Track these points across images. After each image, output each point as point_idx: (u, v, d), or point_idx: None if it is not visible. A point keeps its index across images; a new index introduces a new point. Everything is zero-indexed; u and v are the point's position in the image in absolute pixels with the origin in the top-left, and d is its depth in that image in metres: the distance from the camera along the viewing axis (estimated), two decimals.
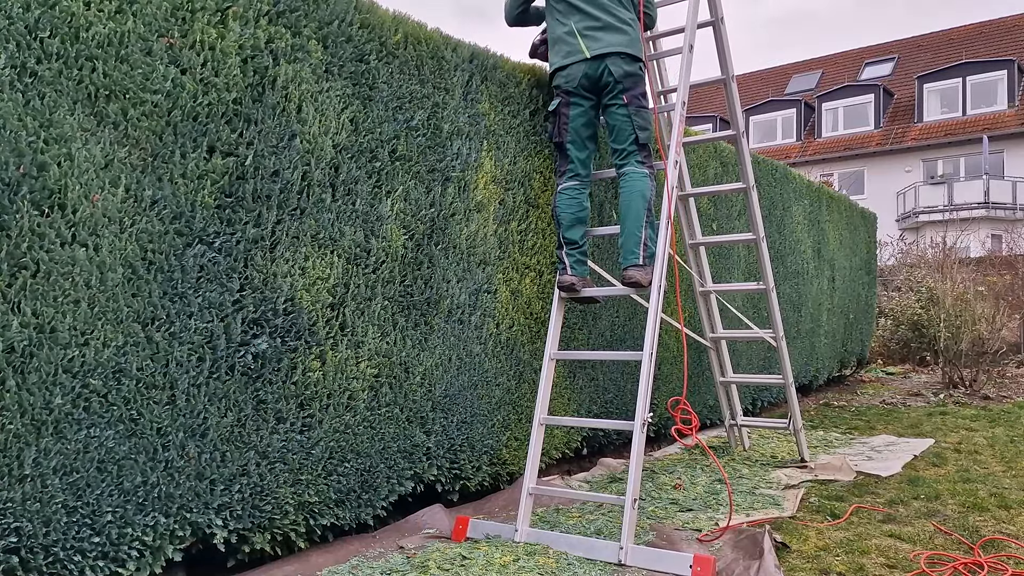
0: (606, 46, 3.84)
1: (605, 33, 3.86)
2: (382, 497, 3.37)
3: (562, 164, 3.98)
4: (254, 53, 2.86)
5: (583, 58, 3.84)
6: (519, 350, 4.08)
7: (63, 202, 2.33)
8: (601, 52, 3.82)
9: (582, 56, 3.84)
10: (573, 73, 3.87)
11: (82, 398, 2.38)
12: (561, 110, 3.92)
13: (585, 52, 3.83)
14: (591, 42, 3.86)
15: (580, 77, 3.86)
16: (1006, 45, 27.46)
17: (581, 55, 3.84)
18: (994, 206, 24.69)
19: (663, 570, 3.01)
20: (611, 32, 3.87)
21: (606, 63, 3.82)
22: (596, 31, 3.87)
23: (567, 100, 3.90)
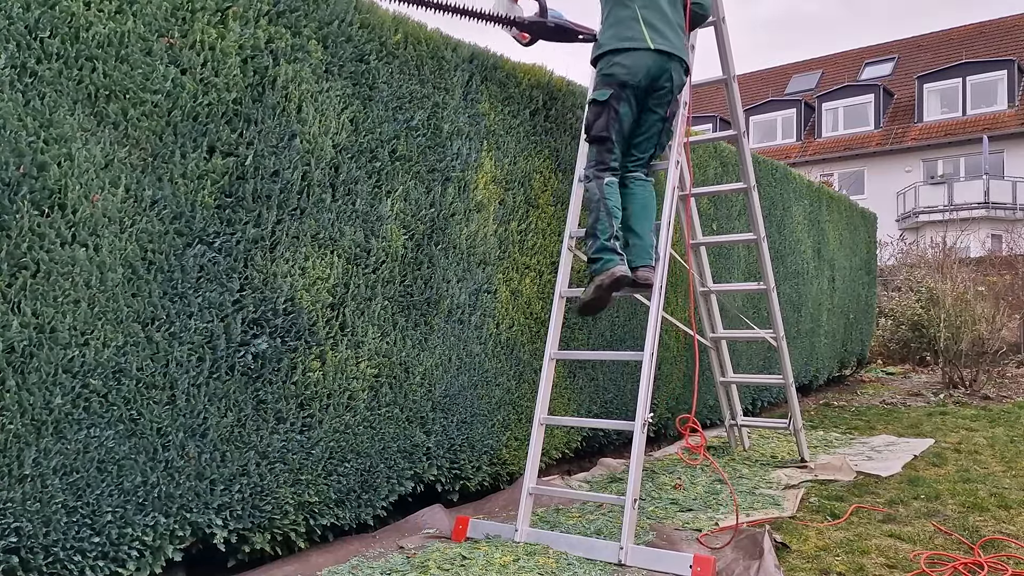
0: (671, 46, 3.63)
1: (669, 30, 3.66)
2: (382, 497, 3.37)
3: (602, 156, 3.71)
4: (254, 53, 2.86)
5: (647, 47, 3.58)
6: (519, 350, 4.08)
7: (63, 202, 2.33)
8: (666, 50, 3.61)
9: (646, 46, 3.57)
10: (637, 65, 3.59)
11: (82, 398, 2.38)
12: (612, 103, 3.62)
13: (649, 43, 3.57)
14: (655, 34, 3.60)
15: (643, 72, 3.59)
16: (1006, 45, 27.45)
17: (644, 44, 3.57)
18: (994, 206, 24.69)
19: (663, 570, 3.01)
20: (674, 32, 3.69)
21: (670, 65, 3.62)
22: (661, 25, 3.64)
23: (620, 94, 3.61)
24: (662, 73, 3.61)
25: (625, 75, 3.58)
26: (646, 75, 3.59)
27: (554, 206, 4.30)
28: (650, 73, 3.59)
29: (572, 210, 3.95)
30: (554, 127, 4.32)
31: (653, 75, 3.60)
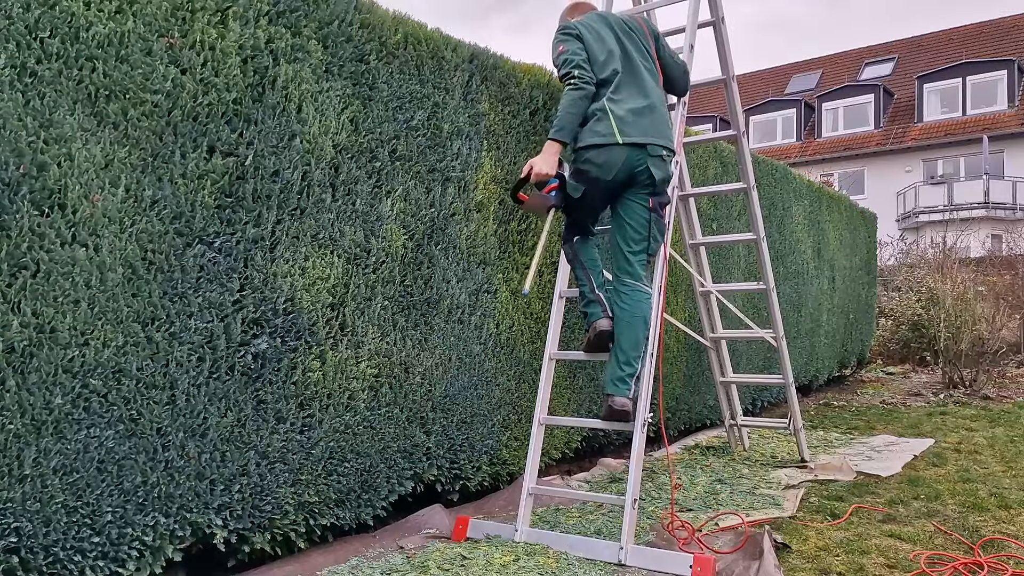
0: (646, 134, 3.37)
1: (646, 116, 3.40)
2: (382, 497, 3.37)
3: (573, 231, 3.66)
4: (254, 53, 2.86)
5: (616, 142, 3.33)
6: (519, 350, 4.08)
7: (63, 202, 2.33)
8: (640, 142, 3.35)
9: (614, 140, 3.33)
10: (609, 161, 3.35)
11: (82, 398, 2.38)
12: (586, 200, 3.48)
13: (618, 137, 3.32)
14: (626, 126, 3.35)
15: (616, 168, 3.35)
16: (1006, 45, 27.45)
17: (613, 139, 3.33)
18: (994, 206, 24.69)
19: (663, 570, 3.01)
20: (653, 115, 3.43)
21: (646, 161, 3.36)
22: (634, 113, 3.39)
23: (593, 192, 3.43)
24: (638, 166, 3.36)
25: (597, 172, 3.36)
26: (620, 170, 3.35)
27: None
28: (625, 168, 3.35)
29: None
30: None
31: (629, 170, 3.36)
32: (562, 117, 3.36)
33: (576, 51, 3.42)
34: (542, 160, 3.38)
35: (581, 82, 3.36)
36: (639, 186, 3.39)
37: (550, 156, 3.38)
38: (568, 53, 3.42)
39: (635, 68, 3.47)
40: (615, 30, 3.56)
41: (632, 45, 3.54)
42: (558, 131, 3.36)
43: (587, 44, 3.46)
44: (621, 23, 3.61)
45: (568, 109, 3.34)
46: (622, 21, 3.63)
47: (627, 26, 3.61)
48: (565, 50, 3.44)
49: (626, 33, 3.57)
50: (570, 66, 3.38)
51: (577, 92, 3.34)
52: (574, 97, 3.34)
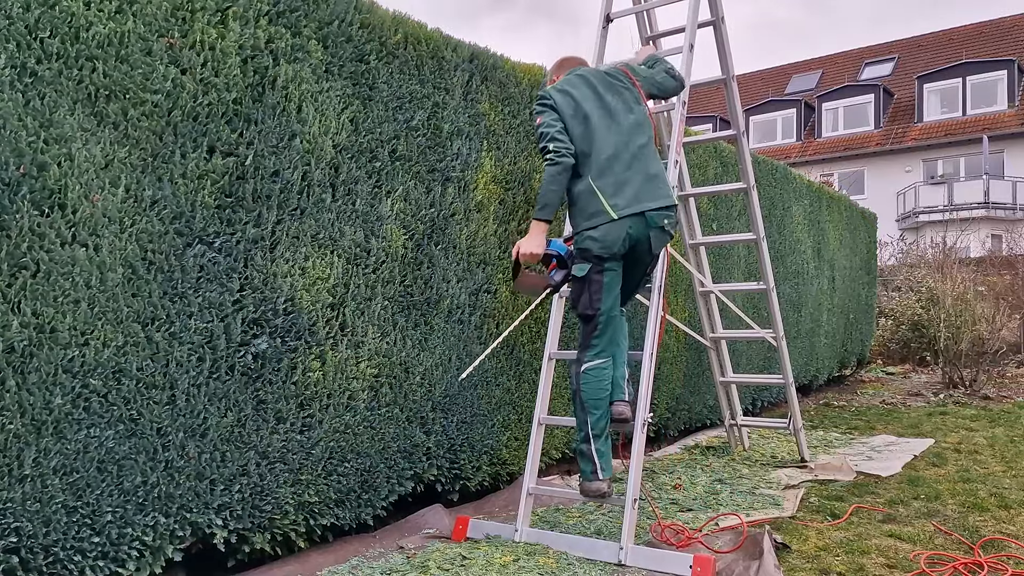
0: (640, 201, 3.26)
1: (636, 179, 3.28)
2: (382, 497, 3.37)
3: (588, 338, 3.37)
4: (254, 53, 2.86)
5: (612, 219, 3.23)
6: (519, 350, 4.08)
7: (63, 202, 2.33)
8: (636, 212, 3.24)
9: (609, 218, 3.23)
10: (609, 236, 3.23)
11: (82, 398, 2.38)
12: (592, 277, 3.29)
13: (612, 214, 3.22)
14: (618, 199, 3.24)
15: (619, 242, 3.24)
16: (1006, 45, 27.44)
17: (608, 216, 3.23)
18: (994, 206, 24.68)
19: (663, 570, 3.01)
20: (644, 176, 3.30)
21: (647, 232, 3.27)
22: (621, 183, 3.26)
23: (599, 267, 3.27)
24: (641, 238, 3.27)
25: (600, 249, 3.24)
26: (623, 243, 3.25)
27: None
28: (628, 241, 3.25)
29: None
30: None
31: (632, 242, 3.27)
32: (544, 195, 3.26)
33: (551, 122, 3.29)
34: (528, 241, 3.30)
35: (557, 156, 3.23)
36: (640, 257, 3.34)
37: (537, 236, 3.29)
38: (544, 125, 3.31)
39: (620, 129, 3.32)
40: (596, 89, 3.40)
41: (616, 100, 3.39)
42: (541, 210, 3.26)
43: (562, 114, 3.31)
44: (603, 78, 3.46)
45: (549, 186, 3.24)
46: (604, 76, 3.48)
47: (610, 79, 3.46)
48: (541, 122, 3.33)
49: (609, 88, 3.42)
50: (545, 140, 3.27)
51: (555, 167, 3.23)
52: (552, 173, 3.23)
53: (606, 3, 4.29)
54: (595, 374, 3.31)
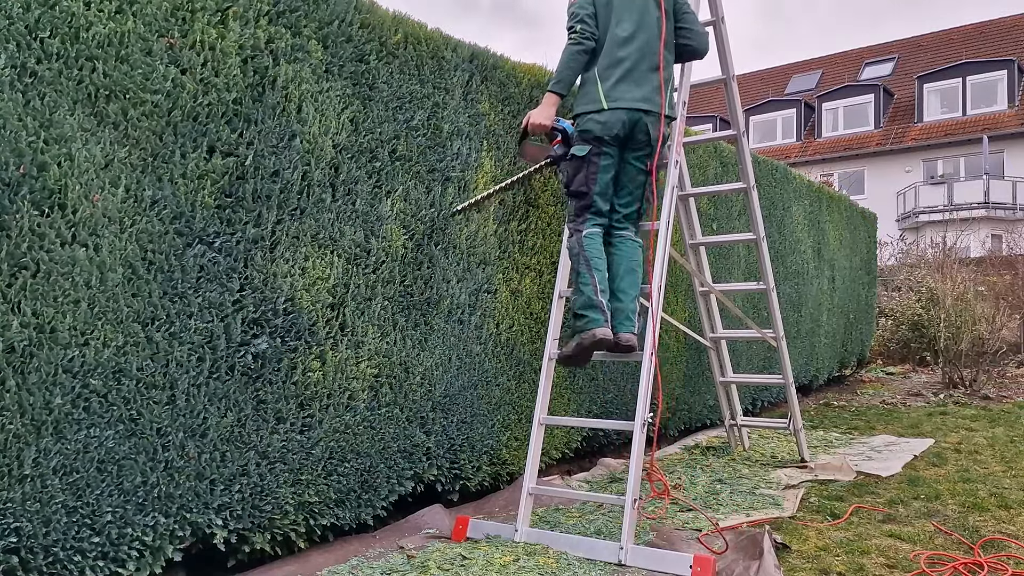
0: (637, 102, 3.52)
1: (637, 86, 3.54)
2: (382, 497, 3.37)
3: (580, 211, 3.60)
4: (254, 53, 2.86)
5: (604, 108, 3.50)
6: (519, 350, 4.08)
7: (63, 202, 2.33)
8: (631, 107, 3.51)
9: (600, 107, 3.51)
10: (611, 120, 3.51)
11: (82, 398, 2.38)
12: (591, 158, 3.54)
13: (603, 103, 3.50)
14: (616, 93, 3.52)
15: (619, 126, 3.51)
16: (1006, 45, 27.45)
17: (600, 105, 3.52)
18: (994, 206, 24.69)
19: (663, 570, 3.01)
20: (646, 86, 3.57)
21: (645, 120, 3.53)
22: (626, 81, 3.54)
23: (598, 149, 3.53)
24: (635, 125, 3.52)
25: (600, 130, 3.50)
26: (622, 128, 3.51)
27: (554, 206, 4.30)
28: (626, 126, 3.51)
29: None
30: None
31: (628, 127, 3.52)
32: (560, 70, 3.54)
33: (583, 5, 3.57)
34: (539, 111, 3.60)
35: (581, 37, 3.50)
36: (638, 146, 3.56)
37: (547, 107, 3.58)
38: (576, 6, 3.59)
39: (640, 28, 3.56)
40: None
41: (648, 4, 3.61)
42: (556, 83, 3.55)
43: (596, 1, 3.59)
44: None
45: (567, 63, 3.52)
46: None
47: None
48: (573, 2, 3.62)
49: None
50: (574, 19, 3.54)
51: (575, 47, 3.51)
52: (572, 52, 3.51)
53: None
54: (595, 240, 3.55)
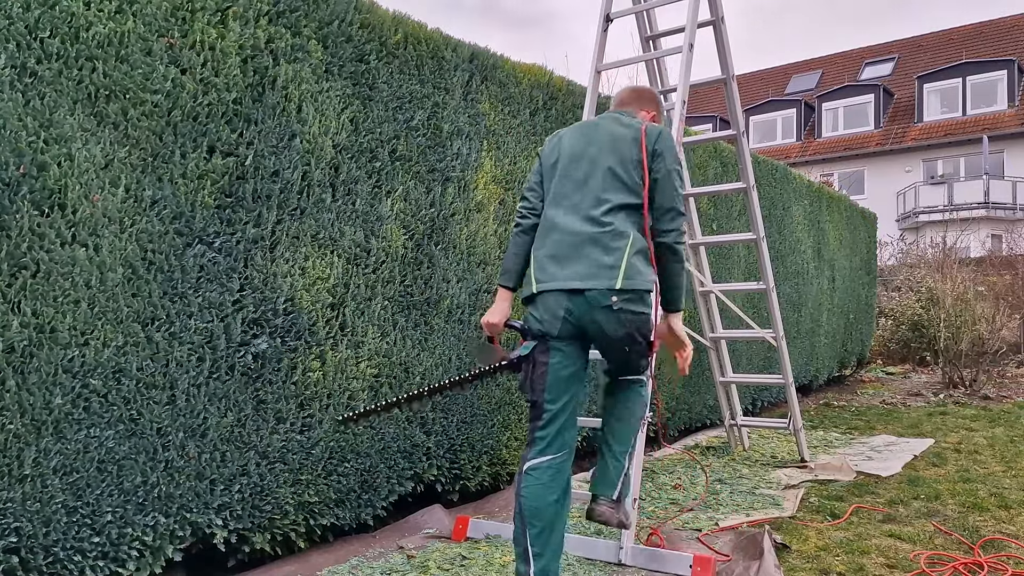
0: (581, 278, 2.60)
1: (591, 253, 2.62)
2: (382, 497, 3.37)
3: (532, 429, 2.70)
4: (254, 53, 2.86)
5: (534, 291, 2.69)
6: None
7: (63, 202, 2.33)
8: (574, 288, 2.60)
9: (531, 291, 2.70)
10: (548, 309, 2.64)
11: (82, 398, 2.38)
12: (535, 356, 2.67)
13: (533, 285, 2.68)
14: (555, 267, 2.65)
15: (559, 319, 2.62)
16: (1006, 45, 27.44)
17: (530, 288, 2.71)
18: (994, 206, 24.67)
19: (663, 570, 3.01)
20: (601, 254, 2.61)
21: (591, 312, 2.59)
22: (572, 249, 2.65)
23: (542, 347, 2.66)
24: (584, 319, 2.59)
25: (537, 326, 2.65)
26: (564, 323, 2.61)
27: None
28: (569, 320, 2.61)
29: None
30: (554, 127, 4.32)
31: (575, 322, 2.61)
32: (505, 258, 2.89)
33: (532, 173, 2.91)
34: (491, 310, 2.89)
35: (519, 216, 2.85)
36: (604, 344, 2.68)
37: (498, 303, 2.87)
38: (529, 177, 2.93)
39: (589, 184, 2.69)
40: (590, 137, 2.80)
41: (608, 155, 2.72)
42: (501, 275, 2.88)
43: (543, 163, 2.87)
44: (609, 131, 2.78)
45: (509, 248, 2.87)
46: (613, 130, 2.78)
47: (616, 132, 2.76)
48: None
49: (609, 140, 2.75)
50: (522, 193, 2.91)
51: (514, 228, 2.87)
52: (512, 234, 2.87)
53: (606, 3, 4.29)
54: (537, 476, 2.61)
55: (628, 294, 2.57)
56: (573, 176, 2.76)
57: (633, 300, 2.59)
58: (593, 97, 4.18)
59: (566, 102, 4.41)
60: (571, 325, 2.62)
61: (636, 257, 2.62)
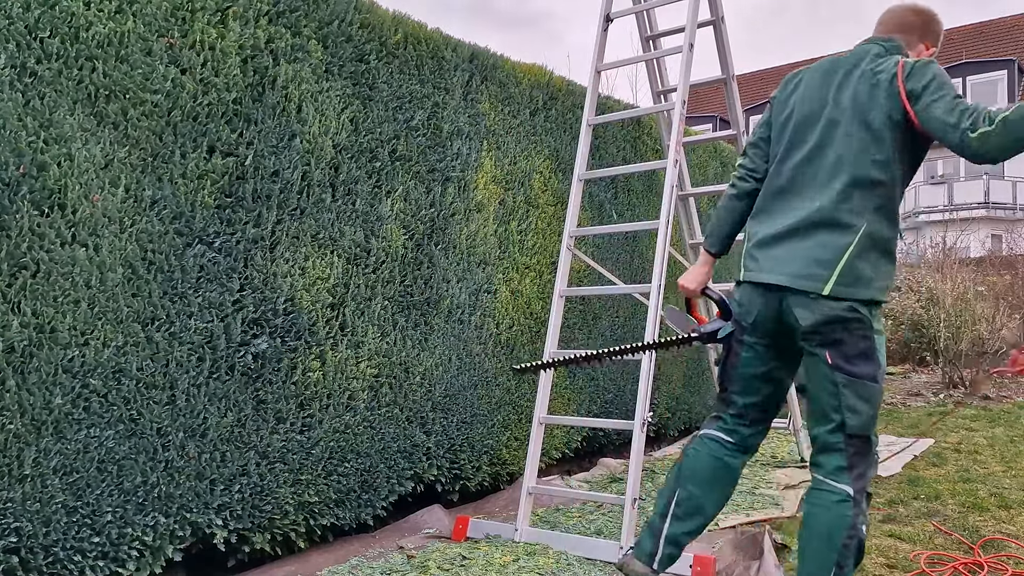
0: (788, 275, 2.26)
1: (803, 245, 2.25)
2: (382, 497, 3.37)
3: (717, 407, 2.54)
4: (254, 53, 2.86)
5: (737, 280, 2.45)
6: (519, 350, 4.08)
7: (63, 202, 2.33)
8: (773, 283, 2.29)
9: (738, 278, 2.44)
10: (748, 302, 2.38)
11: (82, 398, 2.38)
12: (731, 343, 2.45)
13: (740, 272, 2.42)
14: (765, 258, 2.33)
15: (756, 312, 2.35)
16: (1006, 45, 27.44)
17: (737, 277, 2.44)
18: (994, 206, 24.67)
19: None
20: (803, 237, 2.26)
21: (790, 301, 2.25)
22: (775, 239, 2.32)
23: (739, 336, 2.42)
24: (782, 310, 2.28)
25: (738, 313, 2.42)
26: (760, 315, 2.34)
27: (554, 206, 4.30)
28: (764, 312, 2.33)
29: (571, 210, 3.96)
30: (554, 127, 4.32)
31: (771, 315, 2.32)
32: (711, 218, 2.63)
33: (758, 126, 2.54)
34: (688, 272, 2.65)
35: (735, 176, 2.54)
36: (802, 335, 2.27)
37: (697, 267, 2.62)
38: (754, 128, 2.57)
39: (825, 152, 2.28)
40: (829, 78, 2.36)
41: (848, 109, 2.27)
42: (706, 237, 2.63)
43: (772, 118, 2.48)
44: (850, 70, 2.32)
45: (717, 210, 2.59)
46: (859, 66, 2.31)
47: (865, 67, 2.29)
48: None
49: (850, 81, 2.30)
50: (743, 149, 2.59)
51: (729, 190, 2.56)
52: (725, 195, 2.58)
53: (606, 3, 4.29)
54: (710, 447, 2.43)
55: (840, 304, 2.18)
56: (802, 140, 2.32)
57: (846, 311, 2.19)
58: (593, 97, 4.18)
59: (566, 102, 4.41)
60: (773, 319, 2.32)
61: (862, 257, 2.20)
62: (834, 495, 2.21)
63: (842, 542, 2.16)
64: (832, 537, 2.18)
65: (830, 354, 2.22)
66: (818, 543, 2.22)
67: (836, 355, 2.21)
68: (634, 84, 25.09)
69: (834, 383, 2.22)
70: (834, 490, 2.21)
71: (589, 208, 4.54)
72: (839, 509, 2.18)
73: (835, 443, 2.24)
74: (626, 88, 40.70)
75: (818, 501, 2.24)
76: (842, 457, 2.22)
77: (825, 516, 2.21)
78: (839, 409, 2.22)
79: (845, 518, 2.17)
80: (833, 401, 2.23)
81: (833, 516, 2.19)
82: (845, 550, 2.16)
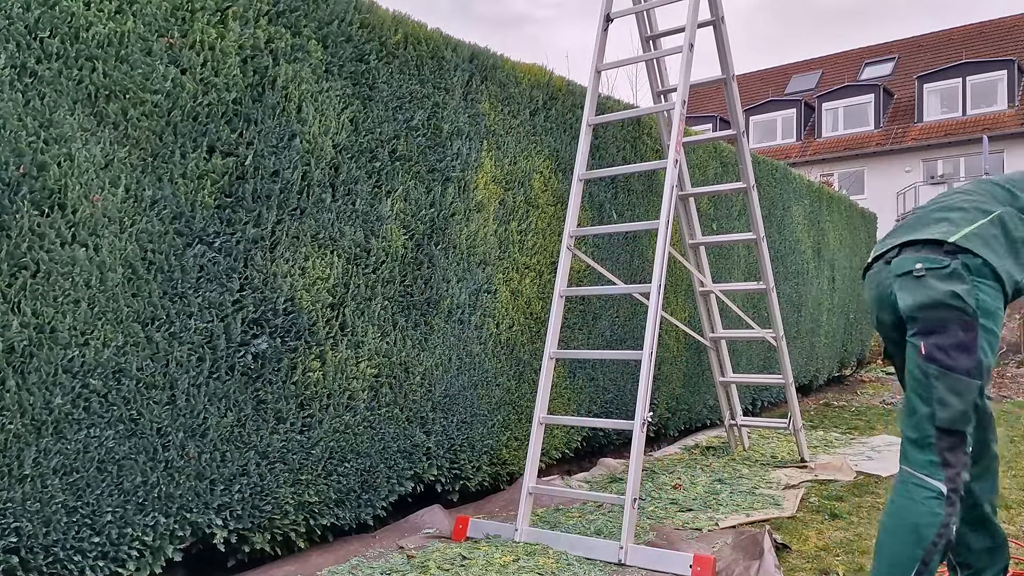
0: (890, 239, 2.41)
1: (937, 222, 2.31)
2: (382, 497, 3.37)
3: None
4: (254, 53, 2.86)
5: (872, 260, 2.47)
6: (519, 350, 4.08)
7: (63, 202, 2.33)
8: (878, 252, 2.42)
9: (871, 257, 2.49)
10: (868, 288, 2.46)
11: (82, 398, 2.38)
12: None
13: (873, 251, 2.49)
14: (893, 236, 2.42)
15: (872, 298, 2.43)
16: (1006, 45, 27.44)
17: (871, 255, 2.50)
18: None
19: (663, 570, 3.01)
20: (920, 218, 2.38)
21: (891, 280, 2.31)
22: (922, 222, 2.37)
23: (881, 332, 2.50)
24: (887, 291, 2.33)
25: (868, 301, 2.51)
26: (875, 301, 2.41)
27: (554, 206, 4.30)
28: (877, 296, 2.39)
29: (571, 210, 3.96)
30: (554, 127, 4.32)
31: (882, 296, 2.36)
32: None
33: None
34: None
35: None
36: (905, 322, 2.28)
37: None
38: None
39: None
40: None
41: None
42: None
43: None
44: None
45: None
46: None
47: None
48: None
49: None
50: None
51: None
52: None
53: (606, 3, 4.29)
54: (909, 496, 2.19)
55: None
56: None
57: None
58: (593, 97, 4.18)
59: (566, 102, 4.41)
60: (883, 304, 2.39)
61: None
62: (921, 488, 2.16)
63: (932, 540, 2.11)
64: (920, 533, 2.12)
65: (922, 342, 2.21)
66: (904, 536, 2.15)
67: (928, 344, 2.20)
68: (634, 84, 25.11)
69: (923, 372, 2.21)
70: (921, 482, 2.17)
71: (589, 208, 4.54)
72: (930, 505, 2.13)
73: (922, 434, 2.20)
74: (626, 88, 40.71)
75: (905, 492, 2.20)
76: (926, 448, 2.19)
77: (914, 510, 2.16)
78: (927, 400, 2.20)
79: (936, 515, 2.11)
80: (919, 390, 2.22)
81: (924, 512, 2.13)
82: (933, 547, 2.11)
